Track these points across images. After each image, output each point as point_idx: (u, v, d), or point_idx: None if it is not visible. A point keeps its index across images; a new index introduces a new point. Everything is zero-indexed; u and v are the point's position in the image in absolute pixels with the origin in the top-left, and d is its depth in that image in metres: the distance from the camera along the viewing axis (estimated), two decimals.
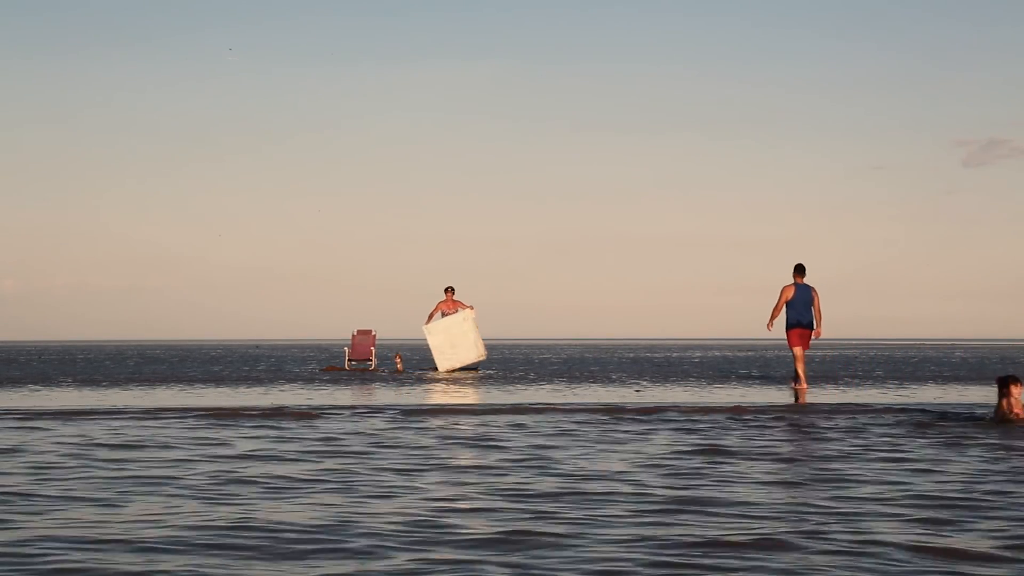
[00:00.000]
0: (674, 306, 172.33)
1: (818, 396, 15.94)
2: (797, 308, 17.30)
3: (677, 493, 6.44)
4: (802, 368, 17.50)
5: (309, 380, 21.63)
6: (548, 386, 19.20)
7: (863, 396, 16.07)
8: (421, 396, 16.20)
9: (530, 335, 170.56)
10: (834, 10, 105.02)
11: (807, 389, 17.39)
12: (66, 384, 20.17)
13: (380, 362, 30.09)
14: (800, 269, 17.46)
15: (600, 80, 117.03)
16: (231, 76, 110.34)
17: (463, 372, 24.21)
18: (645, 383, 20.37)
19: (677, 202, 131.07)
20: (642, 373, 25.48)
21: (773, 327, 17.42)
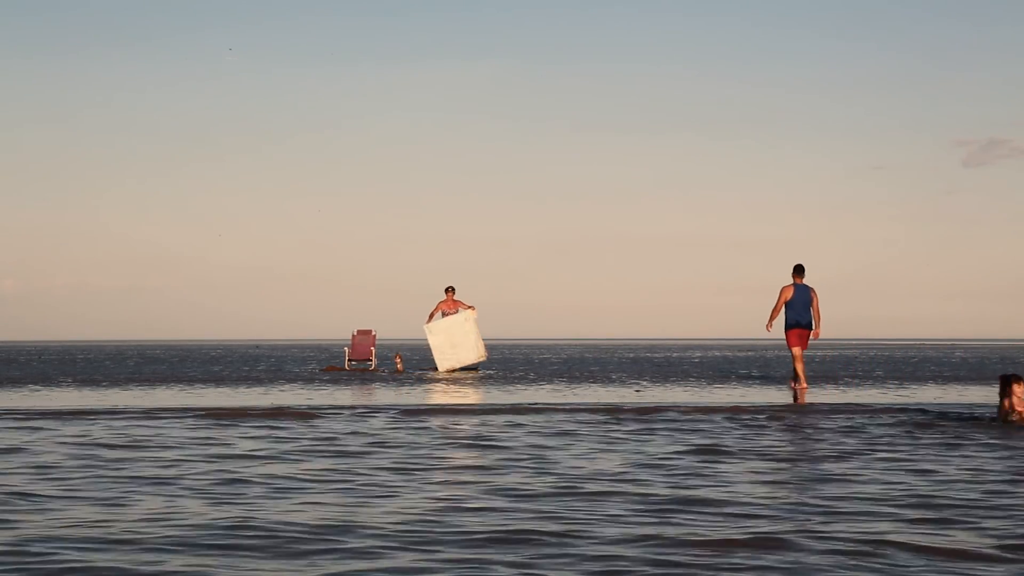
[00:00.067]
0: (674, 306, 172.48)
1: (818, 396, 15.95)
2: (796, 308, 17.30)
3: (677, 493, 6.45)
4: (801, 368, 17.50)
5: (309, 380, 21.63)
6: (548, 386, 19.21)
7: (863, 396, 16.08)
8: (421, 396, 16.20)
9: (530, 335, 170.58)
10: (834, 10, 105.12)
11: (807, 389, 17.40)
12: (66, 384, 20.17)
13: (380, 362, 30.09)
14: (799, 269, 17.46)
15: (600, 80, 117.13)
16: (231, 76, 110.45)
17: (463, 372, 24.21)
18: (645, 383, 20.37)
19: (677, 202, 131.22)
20: (642, 373, 25.48)
21: (772, 327, 17.44)
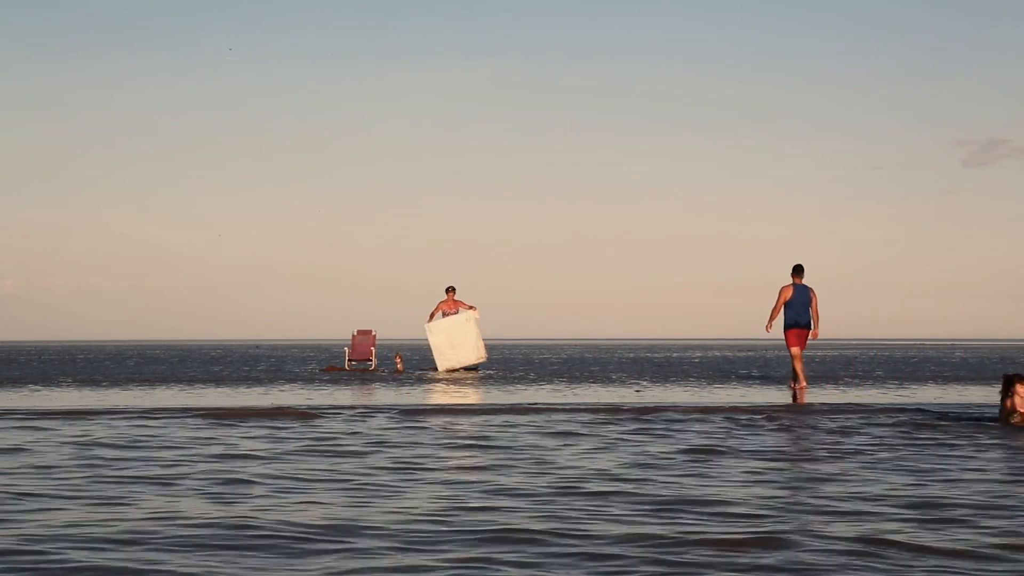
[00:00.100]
0: (674, 306, 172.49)
1: (818, 396, 15.96)
2: (795, 308, 17.32)
3: (677, 493, 6.46)
4: (800, 367, 17.52)
5: (309, 380, 21.64)
6: (548, 386, 19.22)
7: (863, 396, 16.09)
8: (421, 396, 16.21)
9: (530, 335, 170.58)
10: (834, 10, 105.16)
11: (806, 388, 17.42)
12: (66, 384, 20.17)
13: (380, 362, 30.09)
14: (798, 270, 17.47)
15: (600, 80, 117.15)
16: (231, 76, 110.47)
17: (463, 372, 24.21)
18: (645, 383, 20.38)
19: (677, 202, 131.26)
20: (642, 373, 25.49)
21: (772, 328, 17.45)
